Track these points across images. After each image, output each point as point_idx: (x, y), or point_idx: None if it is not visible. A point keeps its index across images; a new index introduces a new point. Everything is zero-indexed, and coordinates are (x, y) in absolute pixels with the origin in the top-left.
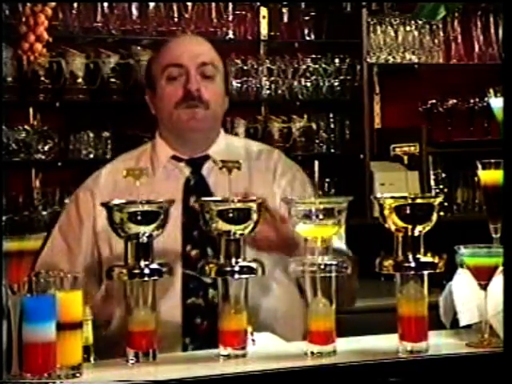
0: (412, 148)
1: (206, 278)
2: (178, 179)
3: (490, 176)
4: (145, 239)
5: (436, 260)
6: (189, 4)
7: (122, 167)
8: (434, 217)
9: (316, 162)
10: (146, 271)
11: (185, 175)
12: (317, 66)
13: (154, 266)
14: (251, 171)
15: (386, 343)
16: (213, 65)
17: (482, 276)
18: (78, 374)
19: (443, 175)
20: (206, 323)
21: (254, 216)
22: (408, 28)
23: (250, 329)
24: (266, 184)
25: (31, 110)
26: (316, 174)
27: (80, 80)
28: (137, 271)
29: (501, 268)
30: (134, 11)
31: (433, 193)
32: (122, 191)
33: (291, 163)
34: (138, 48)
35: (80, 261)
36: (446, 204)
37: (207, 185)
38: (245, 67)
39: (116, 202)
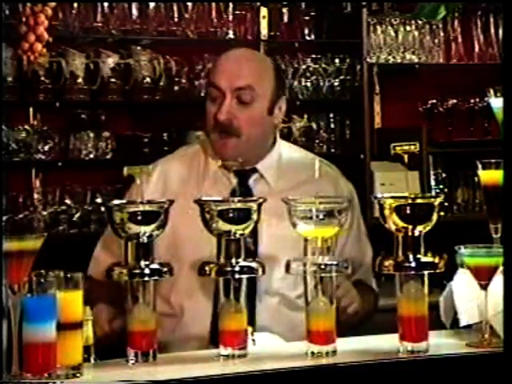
0: (412, 147)
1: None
2: (225, 188)
3: (490, 176)
4: (145, 239)
5: (436, 260)
6: (189, 4)
7: (175, 168)
8: (434, 217)
9: (316, 161)
10: (147, 271)
11: (232, 185)
12: (317, 65)
13: (155, 265)
14: (301, 186)
15: (386, 343)
16: (250, 88)
17: (482, 276)
18: (78, 374)
19: (443, 175)
20: None
21: (254, 216)
22: (408, 28)
23: (250, 329)
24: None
25: (31, 110)
26: (316, 173)
27: (80, 80)
28: (137, 271)
29: (501, 268)
30: (134, 11)
31: (433, 193)
32: (173, 193)
33: (343, 179)
34: (138, 48)
35: None
36: (446, 204)
37: (252, 196)
38: None
39: (116, 201)
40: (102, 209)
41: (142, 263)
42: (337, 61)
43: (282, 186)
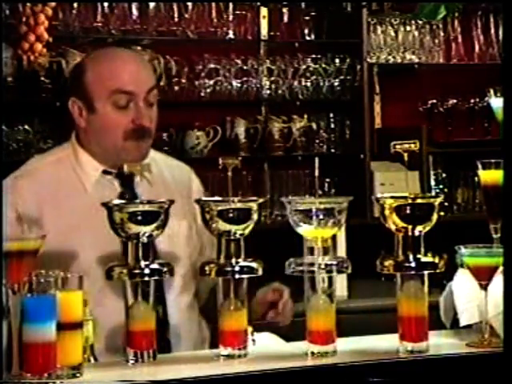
0: (412, 145)
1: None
2: (111, 193)
3: (490, 176)
4: (145, 239)
5: (436, 260)
6: (189, 4)
7: (41, 176)
8: (434, 217)
9: (316, 159)
10: (147, 271)
11: (117, 189)
12: (317, 65)
13: (155, 265)
14: (174, 183)
15: (386, 343)
16: (156, 89)
17: (482, 276)
18: (78, 374)
19: (443, 175)
20: None
21: (254, 216)
22: (408, 28)
23: (250, 329)
24: (183, 195)
25: (31, 110)
26: (316, 171)
27: None
28: (137, 271)
29: (501, 268)
30: (134, 11)
31: (433, 193)
32: (49, 203)
33: (197, 179)
34: (138, 48)
35: None
36: (446, 204)
37: (139, 197)
38: (245, 67)
39: (116, 201)
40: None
41: (142, 263)
42: (337, 61)
43: (160, 184)
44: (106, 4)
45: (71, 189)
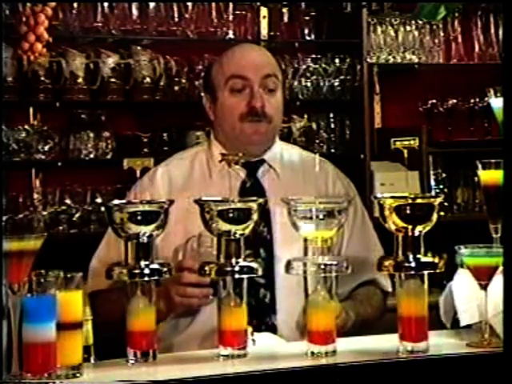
0: (412, 141)
1: (259, 278)
2: (233, 181)
3: (490, 176)
4: (145, 239)
5: (436, 260)
6: (189, 4)
7: (176, 167)
8: (434, 217)
9: (317, 157)
10: (146, 271)
11: (241, 177)
12: (317, 65)
13: (154, 265)
14: (305, 177)
15: (386, 343)
16: (275, 76)
17: (482, 276)
18: (78, 374)
19: (443, 175)
20: (256, 321)
21: (254, 216)
22: (408, 28)
23: (250, 329)
24: (318, 190)
25: (31, 110)
26: (317, 168)
27: (80, 80)
28: (137, 271)
29: (501, 268)
30: (134, 11)
31: (433, 193)
32: (178, 190)
33: (341, 173)
34: (138, 48)
35: None
36: (446, 204)
37: (262, 187)
38: None
39: (116, 202)
40: (102, 209)
41: (142, 263)
42: (337, 61)
43: (289, 176)
44: (106, 4)
45: (199, 177)
